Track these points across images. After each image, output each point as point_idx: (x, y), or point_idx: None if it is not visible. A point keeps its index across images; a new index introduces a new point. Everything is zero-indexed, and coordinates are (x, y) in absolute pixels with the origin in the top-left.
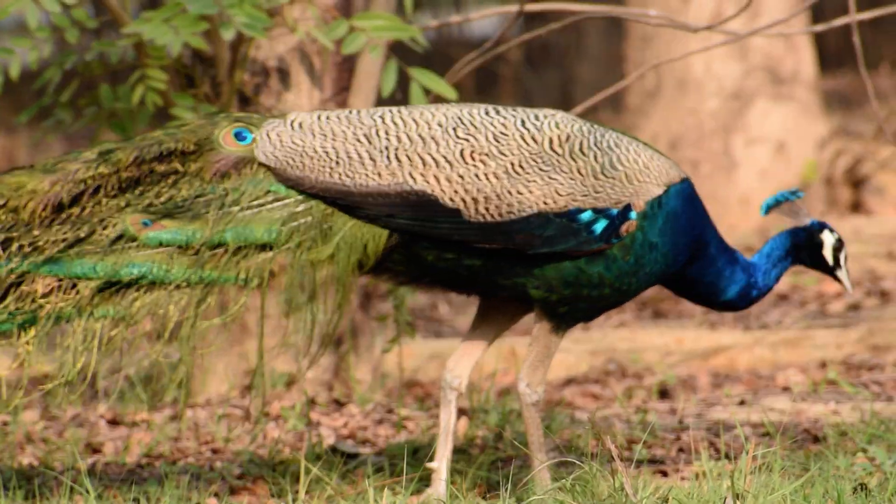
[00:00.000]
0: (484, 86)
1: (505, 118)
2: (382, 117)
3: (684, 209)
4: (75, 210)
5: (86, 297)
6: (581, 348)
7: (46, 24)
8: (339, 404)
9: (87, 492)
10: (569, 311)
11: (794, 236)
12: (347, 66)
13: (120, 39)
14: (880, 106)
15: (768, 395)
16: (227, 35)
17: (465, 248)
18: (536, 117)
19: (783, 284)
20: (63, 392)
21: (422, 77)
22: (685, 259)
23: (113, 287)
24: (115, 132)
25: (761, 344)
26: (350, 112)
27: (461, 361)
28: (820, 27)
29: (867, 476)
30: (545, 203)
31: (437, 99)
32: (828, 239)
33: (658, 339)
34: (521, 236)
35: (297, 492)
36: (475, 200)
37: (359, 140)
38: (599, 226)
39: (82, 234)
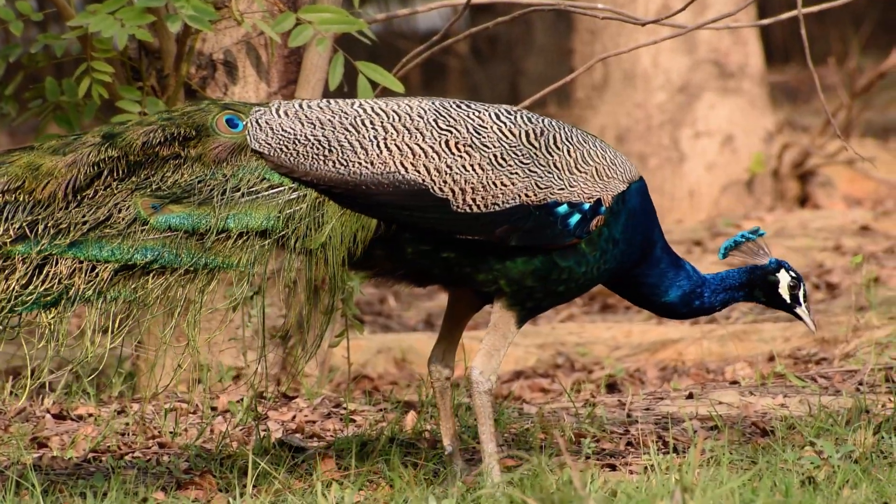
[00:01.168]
0: (431, 79)
1: (479, 111)
2: (363, 107)
3: (642, 207)
4: (88, 192)
5: (104, 280)
6: (529, 342)
7: None
8: (287, 398)
9: (34, 486)
10: (534, 305)
11: (751, 273)
12: (294, 59)
13: (65, 32)
14: (827, 99)
15: (716, 388)
16: (174, 28)
17: (445, 239)
18: (508, 112)
19: None
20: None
21: (369, 70)
22: (637, 257)
23: (128, 270)
24: (60, 126)
25: (709, 337)
26: (329, 102)
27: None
28: (767, 21)
29: (815, 469)
30: (526, 195)
31: (385, 92)
32: (783, 278)
33: (606, 333)
34: (501, 228)
35: (244, 486)
36: (462, 191)
37: (347, 129)
38: (573, 220)
39: (101, 217)
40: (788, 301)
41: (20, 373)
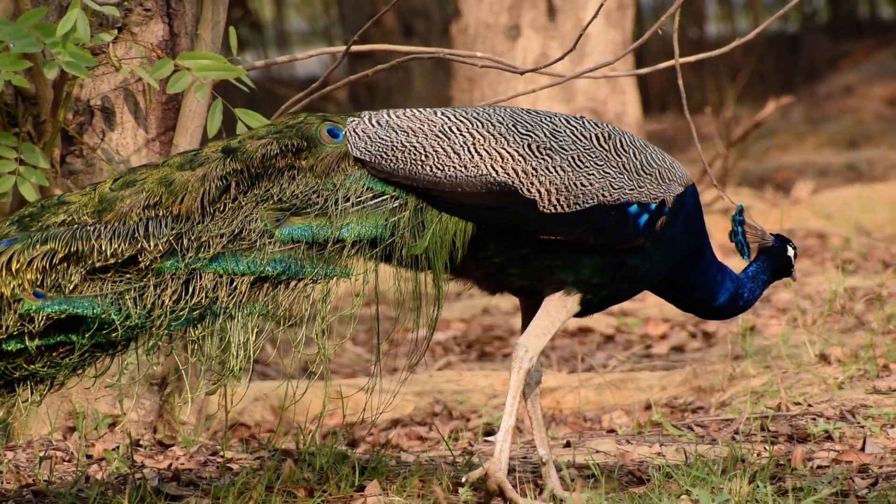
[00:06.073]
0: None
1: (549, 116)
2: (446, 115)
3: (696, 210)
4: (219, 206)
5: (243, 294)
6: (407, 389)
7: None
8: (163, 446)
9: None
10: (598, 301)
11: (772, 259)
12: (173, 106)
13: None
14: (703, 149)
15: (593, 436)
16: (51, 74)
17: (527, 241)
18: (573, 116)
19: (609, 327)
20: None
21: (248, 117)
22: (690, 261)
23: (260, 283)
24: None
25: (586, 386)
26: (415, 111)
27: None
28: (644, 70)
29: None
30: (603, 195)
31: None
32: (792, 253)
33: (484, 381)
34: (581, 228)
35: None
36: (548, 192)
37: (437, 136)
38: (642, 220)
39: (235, 230)
40: (791, 269)
41: None
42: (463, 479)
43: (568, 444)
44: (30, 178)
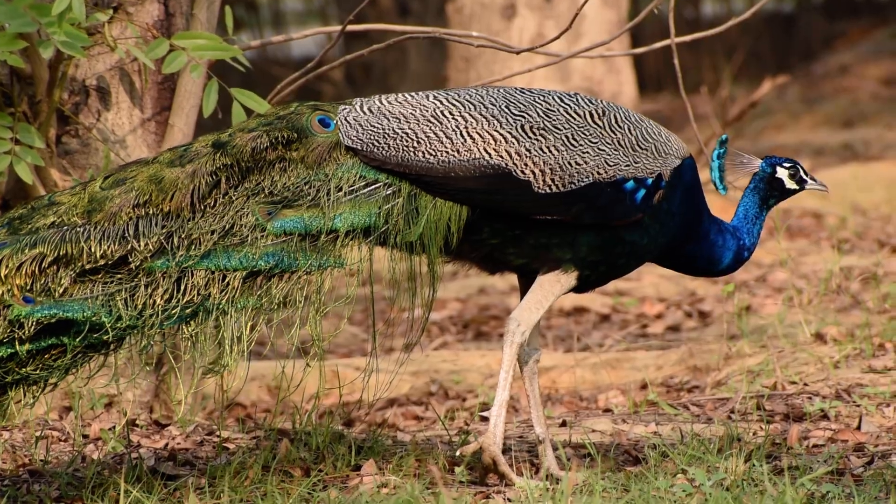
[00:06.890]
0: None
1: (542, 95)
2: (438, 99)
3: (694, 182)
4: (209, 202)
5: (236, 289)
6: (403, 369)
7: None
8: (159, 426)
9: None
10: (596, 277)
11: (759, 190)
12: (169, 86)
13: None
14: (699, 128)
15: (589, 416)
16: (46, 54)
17: (523, 221)
18: (567, 94)
19: (605, 307)
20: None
21: (243, 97)
22: (688, 231)
23: (253, 277)
24: None
25: (582, 365)
26: (406, 96)
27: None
28: (640, 50)
29: (687, 497)
30: (598, 173)
31: None
32: (783, 172)
33: (480, 361)
34: (577, 207)
35: None
36: (542, 172)
37: (429, 121)
38: (639, 195)
39: (227, 226)
40: (798, 187)
41: None
42: (457, 453)
43: (564, 424)
44: (25, 157)
